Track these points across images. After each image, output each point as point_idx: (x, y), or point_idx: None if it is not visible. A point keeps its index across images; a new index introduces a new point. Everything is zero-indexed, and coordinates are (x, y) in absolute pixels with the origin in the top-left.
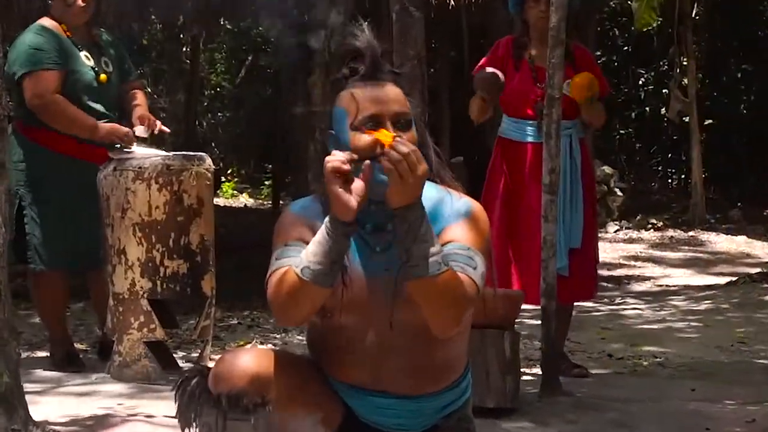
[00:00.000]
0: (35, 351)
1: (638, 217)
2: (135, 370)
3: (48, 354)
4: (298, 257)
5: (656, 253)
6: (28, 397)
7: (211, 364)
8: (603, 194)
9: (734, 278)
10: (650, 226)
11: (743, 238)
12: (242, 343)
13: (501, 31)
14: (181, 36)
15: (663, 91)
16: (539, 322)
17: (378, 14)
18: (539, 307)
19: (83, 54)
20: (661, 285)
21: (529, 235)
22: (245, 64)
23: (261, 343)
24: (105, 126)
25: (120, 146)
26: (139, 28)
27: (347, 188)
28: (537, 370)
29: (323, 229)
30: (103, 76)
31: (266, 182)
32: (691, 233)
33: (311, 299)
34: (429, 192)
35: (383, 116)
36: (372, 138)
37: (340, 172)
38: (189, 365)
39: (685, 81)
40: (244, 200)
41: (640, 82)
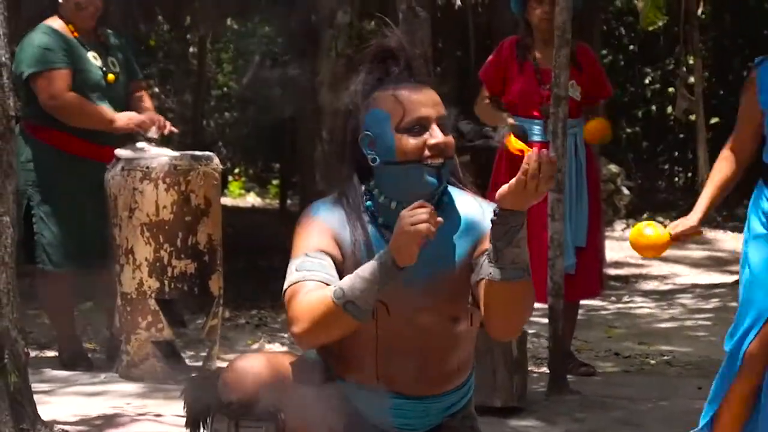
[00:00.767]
0: (44, 351)
1: (645, 216)
2: (143, 370)
3: (56, 354)
4: (321, 272)
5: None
6: (37, 397)
7: (220, 365)
8: (610, 193)
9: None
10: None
11: None
12: (250, 343)
13: (507, 32)
14: (188, 36)
15: (669, 90)
16: (546, 321)
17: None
18: (546, 306)
19: (91, 54)
20: (669, 283)
21: (536, 234)
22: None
23: (268, 342)
24: (122, 115)
25: (138, 138)
26: (146, 29)
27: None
28: (544, 369)
29: (377, 268)
30: (111, 76)
31: (273, 182)
32: None
33: (344, 330)
34: (462, 198)
35: (430, 119)
36: (419, 142)
37: (429, 233)
38: (197, 365)
39: (692, 80)
40: (252, 200)
41: (646, 81)
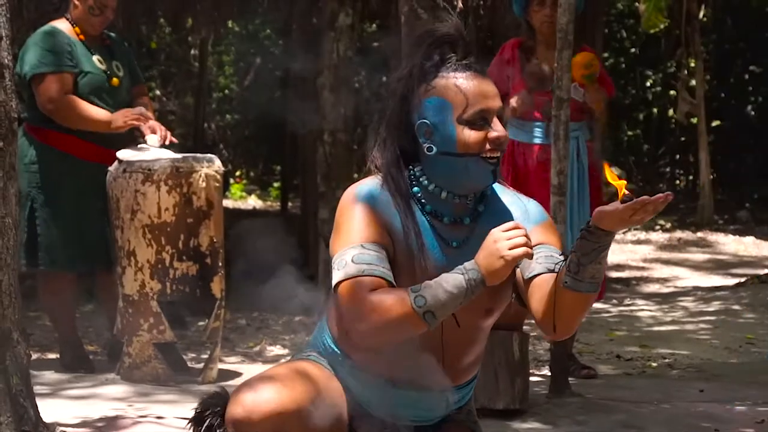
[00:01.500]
0: (45, 353)
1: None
2: (145, 372)
3: (58, 356)
4: (380, 268)
5: (665, 255)
6: (38, 399)
7: (225, 384)
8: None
9: (743, 279)
10: (658, 228)
11: (751, 239)
12: (251, 345)
13: (509, 34)
14: (190, 39)
15: (670, 93)
16: None
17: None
18: None
19: (95, 57)
20: (670, 286)
21: None
22: (253, 67)
23: (270, 345)
24: (118, 113)
25: (132, 145)
26: (148, 31)
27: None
28: (546, 371)
29: (464, 284)
30: (115, 80)
31: (275, 184)
32: (700, 234)
33: (411, 334)
34: (503, 192)
35: (491, 112)
36: (481, 136)
37: (528, 256)
38: (199, 366)
39: (693, 82)
40: (253, 202)
41: (648, 84)
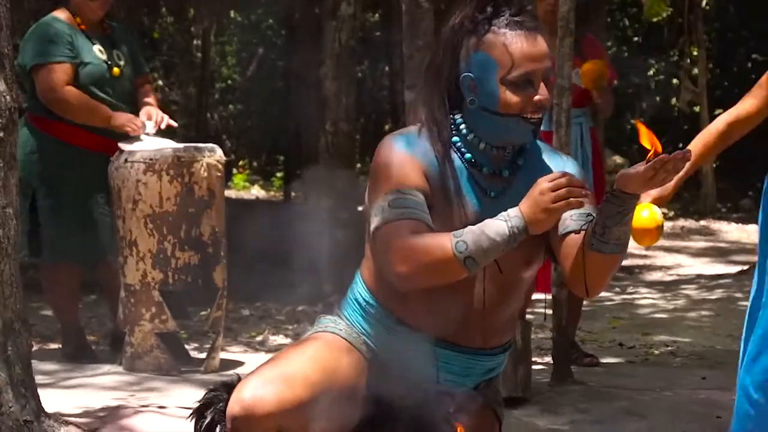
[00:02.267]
0: (47, 343)
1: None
2: (147, 362)
3: (60, 346)
4: (419, 211)
5: (667, 243)
6: (40, 389)
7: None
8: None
9: (746, 267)
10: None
11: (754, 227)
12: (254, 335)
13: None
14: (192, 29)
15: (673, 81)
16: (551, 312)
17: (388, 5)
18: (550, 297)
19: (96, 47)
20: (673, 274)
21: None
22: (256, 57)
23: (273, 335)
24: (121, 115)
25: (134, 136)
26: (150, 21)
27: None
28: (548, 359)
29: (506, 231)
30: (116, 70)
31: (278, 174)
32: (703, 222)
33: (451, 279)
34: (544, 148)
35: (537, 74)
36: (523, 98)
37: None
38: (201, 356)
39: (696, 71)
40: (256, 192)
41: (650, 73)
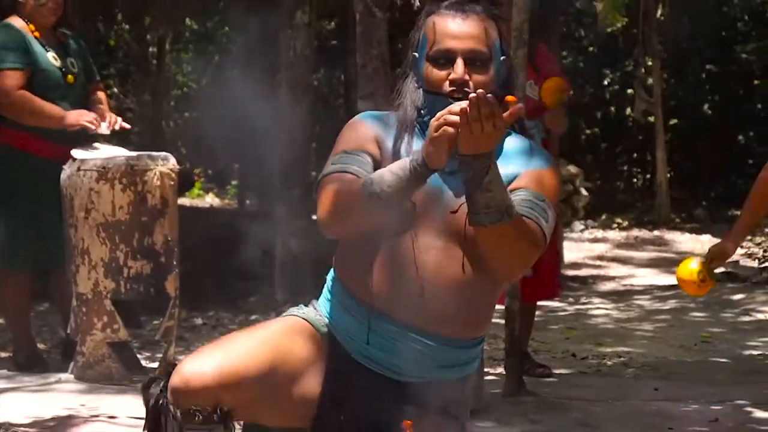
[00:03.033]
0: None
1: (603, 217)
2: (98, 371)
3: (11, 354)
4: (360, 169)
5: (621, 253)
6: None
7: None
8: (568, 194)
9: None
10: (615, 226)
11: (708, 237)
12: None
13: None
14: (148, 37)
15: (628, 92)
16: (503, 322)
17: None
18: (503, 307)
19: (50, 54)
20: (627, 284)
21: None
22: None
23: None
24: (73, 112)
25: (87, 143)
26: (106, 29)
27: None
28: (501, 370)
29: (407, 166)
30: (71, 77)
31: (232, 182)
32: (657, 233)
33: (363, 221)
34: (512, 137)
35: (455, 52)
36: (442, 75)
37: (454, 125)
38: (153, 366)
39: (650, 81)
40: (210, 200)
41: (605, 83)
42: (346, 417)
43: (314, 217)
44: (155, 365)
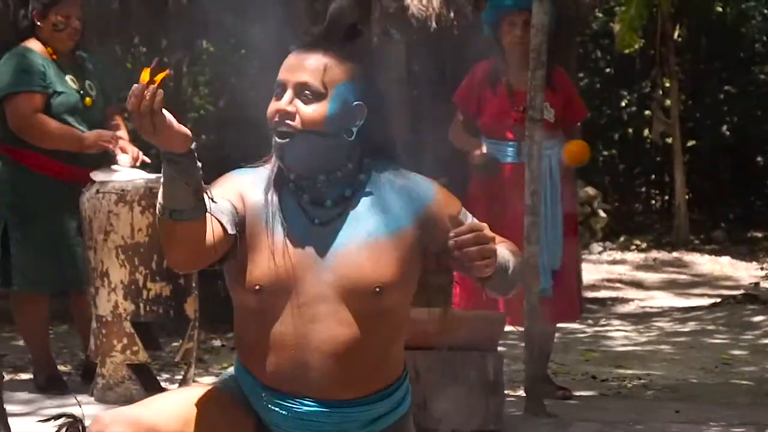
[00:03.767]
0: (18, 374)
1: (622, 239)
2: (118, 393)
3: (31, 376)
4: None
5: (640, 275)
6: (12, 420)
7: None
8: (586, 215)
9: (719, 299)
10: (634, 248)
11: (727, 259)
12: (226, 366)
13: (483, 54)
14: (165, 59)
15: (646, 113)
16: (523, 344)
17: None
18: (522, 329)
19: (68, 77)
20: (646, 306)
21: None
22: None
23: None
24: (91, 133)
25: (106, 166)
26: (123, 51)
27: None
28: (521, 392)
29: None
30: (89, 100)
31: None
32: (675, 254)
33: (171, 238)
34: (391, 173)
35: (287, 83)
36: (273, 107)
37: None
38: (173, 387)
39: (668, 102)
40: None
41: (623, 104)
42: None
43: None
44: (175, 387)
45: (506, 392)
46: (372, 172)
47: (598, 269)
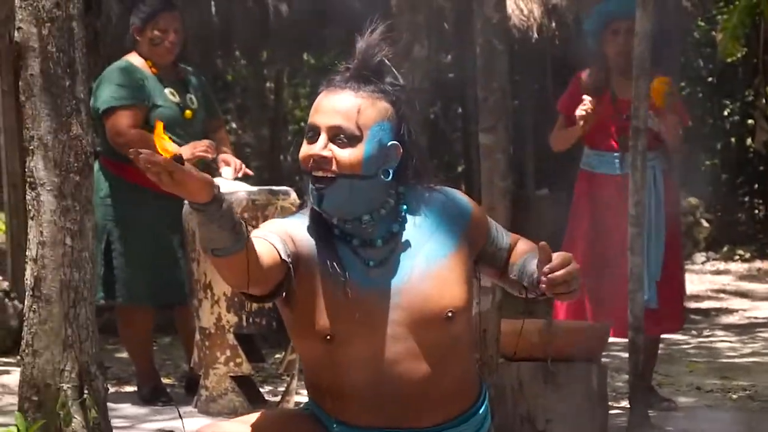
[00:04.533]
0: (123, 386)
1: (725, 249)
2: (221, 405)
3: (135, 389)
4: (259, 237)
5: (744, 285)
6: None
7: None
8: (689, 225)
9: None
10: (737, 258)
11: None
12: None
13: (584, 64)
14: (265, 71)
15: (748, 122)
16: (627, 355)
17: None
18: (626, 340)
19: (168, 90)
20: (750, 317)
21: (616, 268)
22: None
23: None
24: (185, 147)
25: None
26: (224, 64)
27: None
28: (625, 403)
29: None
30: (188, 112)
31: None
32: None
33: (225, 272)
34: (425, 194)
35: (319, 128)
36: (306, 152)
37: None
38: (275, 399)
39: None
40: None
41: (725, 113)
42: None
43: None
44: (278, 399)
45: (610, 404)
46: (411, 201)
47: (702, 279)
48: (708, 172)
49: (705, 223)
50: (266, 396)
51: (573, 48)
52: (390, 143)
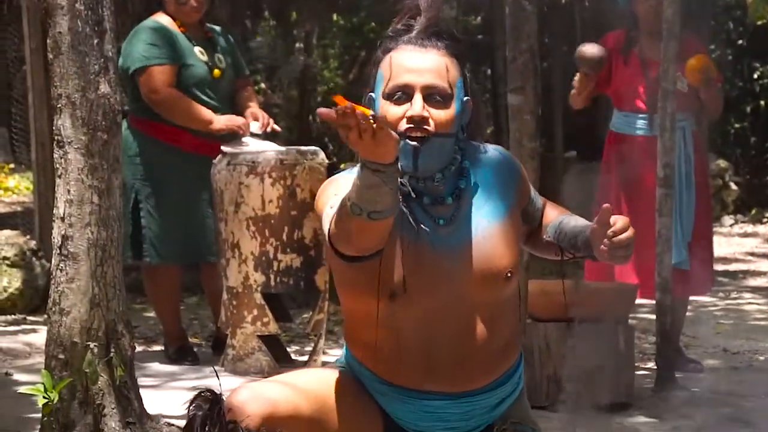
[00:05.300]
0: (150, 345)
1: (753, 212)
2: (248, 364)
3: (162, 348)
4: None
5: None
6: (143, 391)
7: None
8: (718, 188)
9: None
10: (766, 220)
11: None
12: None
13: (613, 25)
14: (294, 32)
15: None
16: (654, 317)
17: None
18: (654, 302)
19: (197, 49)
20: None
21: (645, 230)
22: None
23: None
24: (221, 117)
25: (236, 138)
26: (253, 25)
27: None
28: (651, 365)
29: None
30: (217, 71)
31: None
32: None
33: (356, 233)
34: (485, 153)
35: (413, 87)
36: (399, 112)
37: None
38: (303, 359)
39: None
40: None
41: (755, 76)
42: None
43: None
44: (305, 358)
45: (637, 365)
46: (470, 157)
47: (730, 242)
48: (737, 135)
49: (734, 186)
50: (293, 356)
51: (603, 8)
52: (465, 98)
